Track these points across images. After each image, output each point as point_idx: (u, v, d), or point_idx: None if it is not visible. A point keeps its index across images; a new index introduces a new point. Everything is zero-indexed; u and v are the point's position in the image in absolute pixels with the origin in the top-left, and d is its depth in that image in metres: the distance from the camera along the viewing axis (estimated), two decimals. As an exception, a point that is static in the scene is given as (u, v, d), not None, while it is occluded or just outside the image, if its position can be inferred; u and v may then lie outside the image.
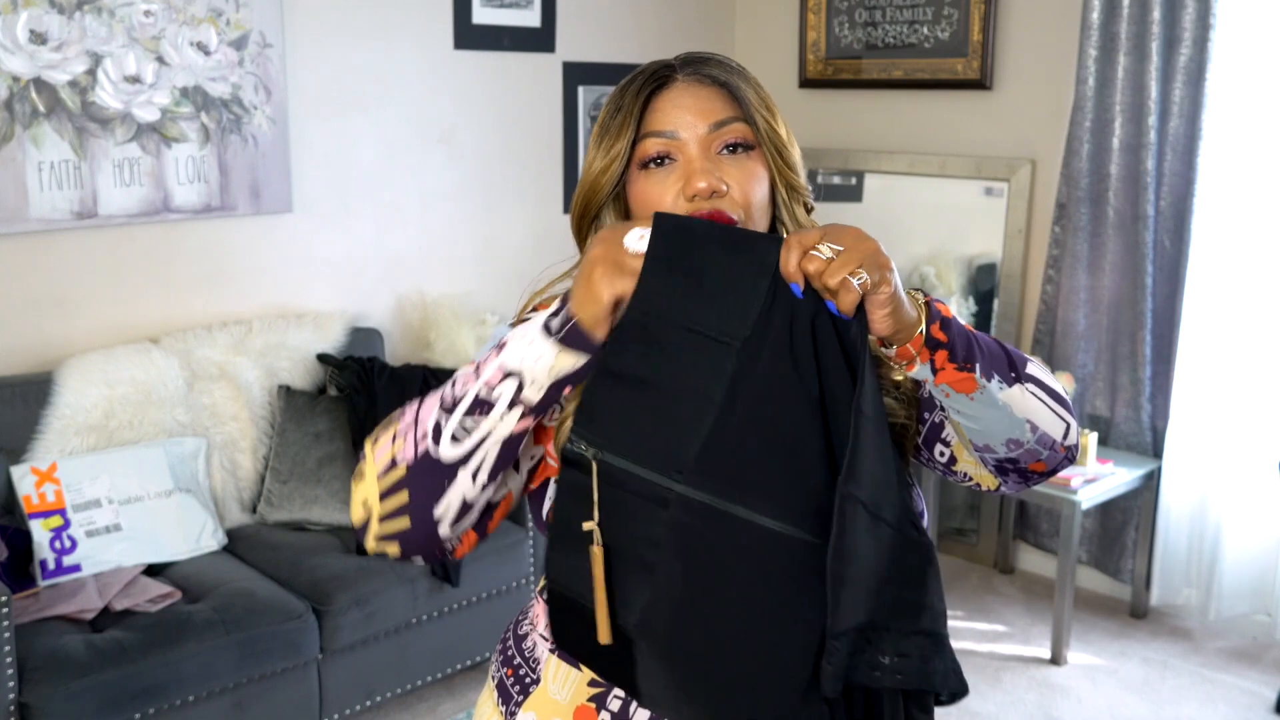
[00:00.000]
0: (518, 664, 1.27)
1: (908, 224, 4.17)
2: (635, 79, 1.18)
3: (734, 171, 1.14)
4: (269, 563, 2.96)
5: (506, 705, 1.26)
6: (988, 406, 1.10)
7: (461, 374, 1.09)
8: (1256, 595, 3.48)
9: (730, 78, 1.17)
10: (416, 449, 1.06)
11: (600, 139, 1.18)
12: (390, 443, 1.08)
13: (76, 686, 2.44)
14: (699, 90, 1.16)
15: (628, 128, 1.15)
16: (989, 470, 1.20)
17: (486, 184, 3.98)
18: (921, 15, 4.06)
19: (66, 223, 3.05)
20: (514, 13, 3.92)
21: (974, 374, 1.08)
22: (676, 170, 1.15)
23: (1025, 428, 1.13)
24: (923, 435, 1.22)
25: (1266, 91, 3.31)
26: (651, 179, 1.16)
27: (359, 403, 3.21)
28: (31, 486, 2.80)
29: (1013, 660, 3.42)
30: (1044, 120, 3.83)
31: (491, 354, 1.07)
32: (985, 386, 1.09)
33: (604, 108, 1.19)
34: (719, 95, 1.16)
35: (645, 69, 1.19)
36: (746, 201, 1.15)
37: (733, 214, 1.14)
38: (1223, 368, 3.45)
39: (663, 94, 1.17)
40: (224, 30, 3.25)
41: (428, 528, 1.09)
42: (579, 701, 1.20)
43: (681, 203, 1.14)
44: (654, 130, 1.15)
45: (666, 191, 1.15)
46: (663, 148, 1.15)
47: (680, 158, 1.15)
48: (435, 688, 3.17)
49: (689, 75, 1.17)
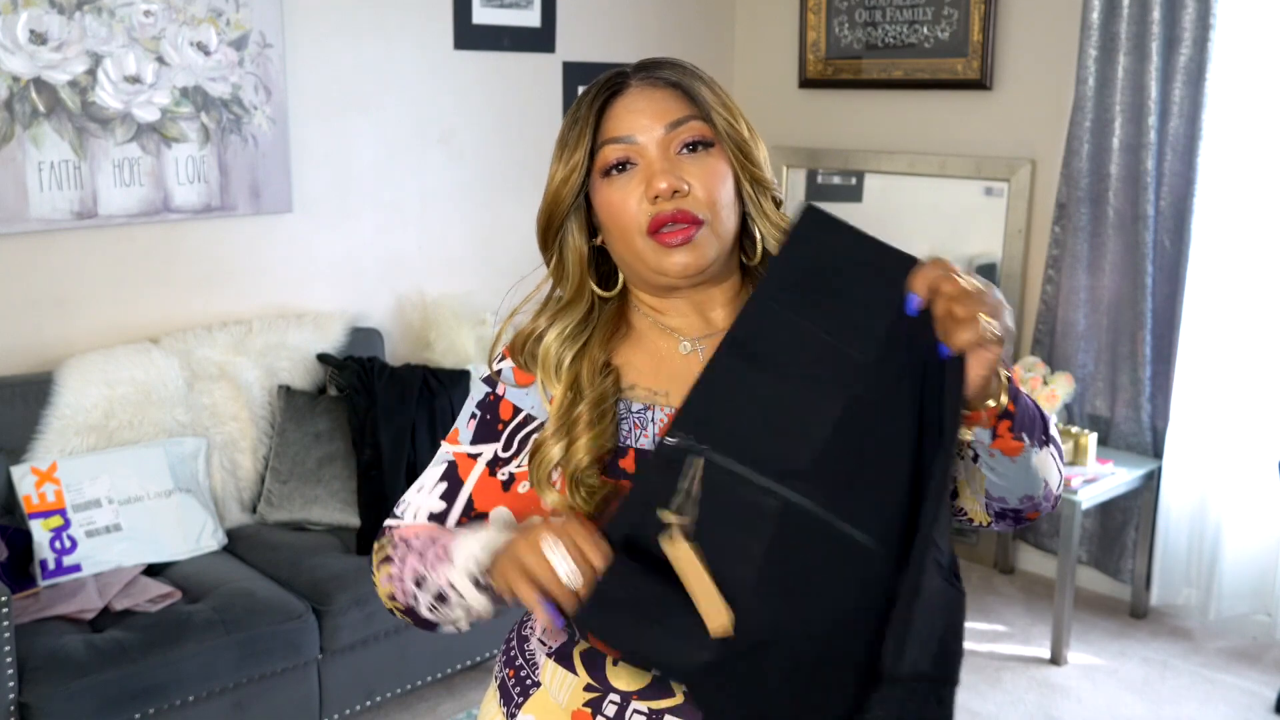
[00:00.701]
0: (519, 665, 1.27)
1: (908, 224, 4.17)
2: (590, 89, 1.18)
3: (695, 170, 1.14)
4: (269, 563, 2.96)
5: (507, 706, 1.27)
6: (1022, 468, 1.13)
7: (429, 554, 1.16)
8: (1256, 595, 3.48)
9: (684, 78, 1.17)
10: (406, 601, 1.19)
11: (560, 151, 1.18)
12: (388, 580, 1.20)
13: (76, 686, 2.44)
14: (653, 93, 1.16)
15: (585, 136, 1.16)
16: (988, 512, 1.21)
17: (486, 184, 3.98)
18: (921, 15, 4.06)
19: (66, 223, 3.05)
20: (514, 13, 3.92)
21: (1024, 443, 1.10)
22: (637, 174, 1.15)
23: (1041, 485, 1.16)
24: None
25: (1266, 91, 3.31)
26: (614, 185, 1.16)
27: (359, 403, 3.21)
28: (31, 486, 2.80)
29: (1013, 660, 3.42)
30: (1044, 120, 3.83)
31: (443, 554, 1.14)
32: (1026, 450, 1.11)
33: (564, 120, 1.19)
34: (673, 96, 1.16)
35: (600, 78, 1.19)
36: (711, 200, 1.14)
37: (698, 213, 1.13)
38: (1223, 368, 3.44)
39: (617, 100, 1.17)
40: (224, 30, 3.25)
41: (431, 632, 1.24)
42: (575, 706, 1.20)
43: (645, 205, 1.13)
44: (611, 137, 1.15)
45: (630, 196, 1.14)
46: (622, 154, 1.15)
47: (640, 161, 1.15)
48: (435, 688, 3.17)
49: (642, 79, 1.17)
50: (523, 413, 1.23)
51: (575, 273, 1.21)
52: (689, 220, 1.13)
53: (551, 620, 1.02)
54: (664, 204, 1.13)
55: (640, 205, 1.14)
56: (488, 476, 1.23)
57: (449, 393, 3.29)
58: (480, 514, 1.23)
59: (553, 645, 1.23)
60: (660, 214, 1.13)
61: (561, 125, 1.19)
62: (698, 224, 1.13)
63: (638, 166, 1.15)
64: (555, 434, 1.16)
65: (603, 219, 1.18)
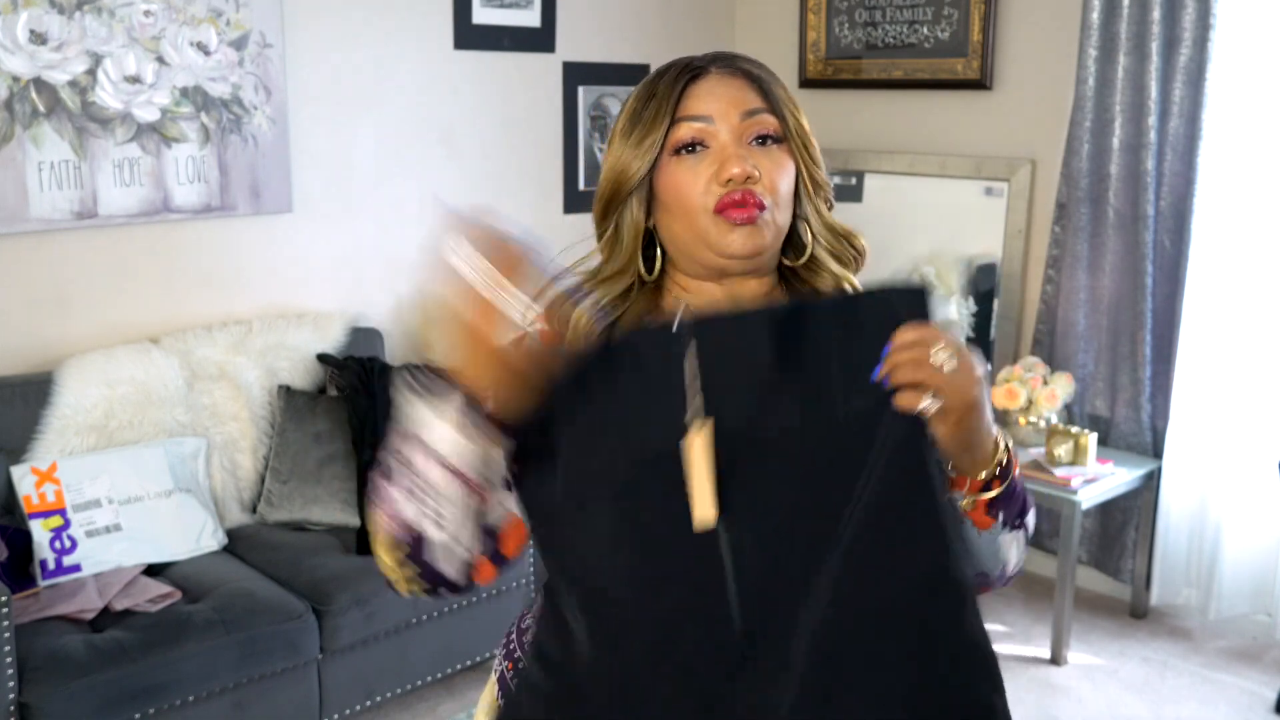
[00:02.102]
0: (518, 658, 1.28)
1: (908, 224, 4.17)
2: (668, 70, 1.20)
3: (764, 161, 1.16)
4: (269, 563, 2.96)
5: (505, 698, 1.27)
6: (986, 543, 1.14)
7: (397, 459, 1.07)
8: (1256, 595, 3.48)
9: (761, 72, 1.20)
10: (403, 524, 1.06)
11: (631, 128, 1.18)
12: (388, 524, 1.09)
13: (76, 686, 2.44)
14: (732, 81, 1.18)
15: (664, 113, 1.17)
16: None
17: (487, 184, 3.98)
18: (921, 15, 4.06)
19: (66, 223, 3.05)
20: (514, 13, 3.92)
21: (996, 519, 1.12)
22: (709, 157, 1.16)
23: (999, 566, 1.17)
24: None
25: (1266, 91, 3.31)
26: (683, 165, 1.17)
27: (359, 403, 3.21)
28: (31, 486, 2.80)
29: (1013, 660, 3.42)
30: (1044, 120, 3.83)
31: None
32: (994, 526, 1.13)
33: (631, 99, 1.20)
34: (749, 87, 1.19)
35: (676, 62, 1.21)
36: (775, 190, 1.17)
37: (764, 198, 1.15)
38: (1223, 368, 3.44)
39: (697, 83, 1.18)
40: (224, 30, 3.25)
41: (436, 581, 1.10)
42: None
43: (714, 187, 1.15)
44: (689, 115, 1.17)
45: (699, 178, 1.16)
46: (697, 133, 1.16)
47: (713, 145, 1.16)
48: (435, 688, 3.17)
49: (722, 67, 1.19)
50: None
51: (629, 247, 1.21)
52: (756, 203, 1.15)
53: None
54: (735, 187, 1.14)
55: (709, 186, 1.15)
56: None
57: (449, 393, 3.29)
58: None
59: None
60: (729, 195, 1.15)
61: (629, 103, 1.20)
62: (762, 208, 1.15)
63: (709, 150, 1.16)
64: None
65: (666, 197, 1.18)
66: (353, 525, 3.14)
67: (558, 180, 4.17)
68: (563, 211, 4.17)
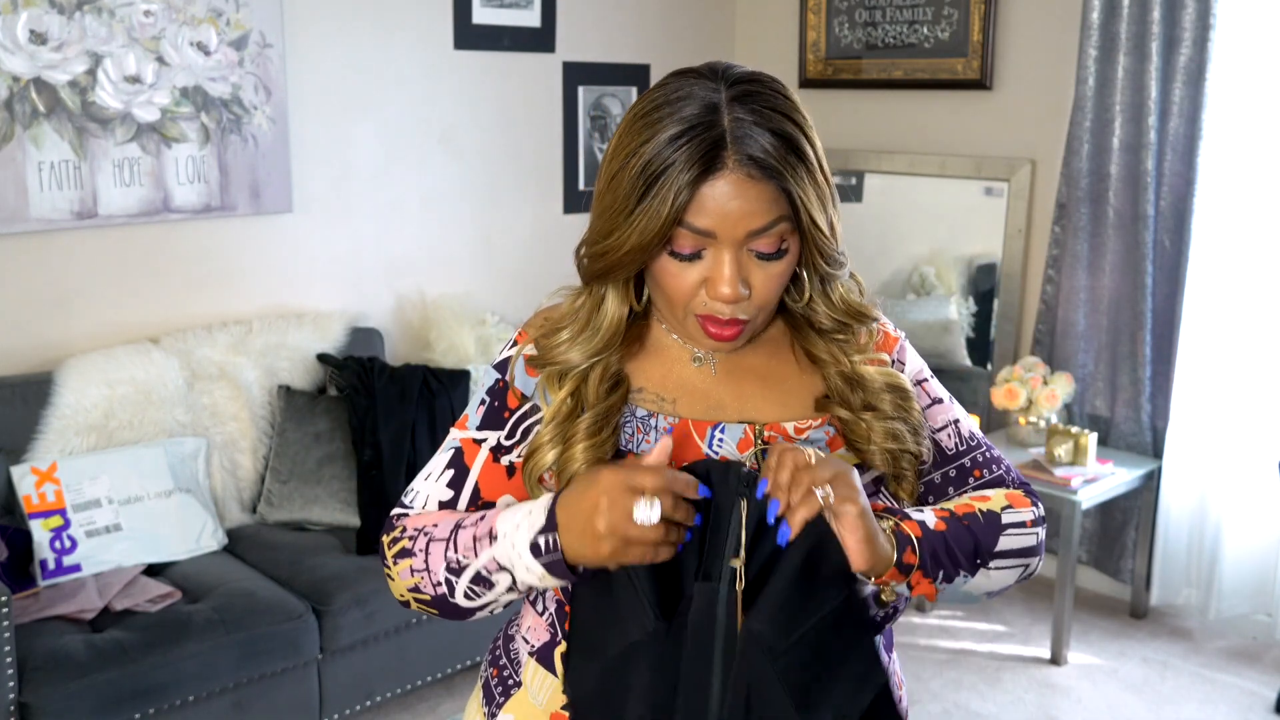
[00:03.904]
0: (503, 665, 1.28)
1: (908, 224, 4.17)
2: (682, 144, 1.05)
3: (759, 274, 1.11)
4: (269, 563, 2.96)
5: (489, 706, 1.27)
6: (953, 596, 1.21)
7: (462, 538, 1.15)
8: (1256, 595, 3.48)
9: (784, 163, 1.06)
10: (434, 591, 1.17)
11: (635, 201, 1.07)
12: (410, 574, 1.18)
13: (76, 686, 2.44)
14: (748, 188, 1.06)
15: (667, 211, 1.06)
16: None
17: (486, 184, 3.98)
18: (921, 15, 4.06)
19: (66, 223, 3.05)
20: (514, 13, 3.92)
21: (937, 581, 1.15)
22: (703, 264, 1.10)
23: (982, 597, 1.24)
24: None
25: (1266, 91, 3.31)
26: (677, 265, 1.11)
27: (359, 403, 3.21)
28: (31, 486, 2.80)
29: (1013, 660, 3.42)
30: (1044, 120, 3.83)
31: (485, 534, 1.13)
32: (949, 588, 1.18)
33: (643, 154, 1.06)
34: (768, 193, 1.06)
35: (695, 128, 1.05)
36: (764, 303, 1.13)
37: (746, 315, 1.12)
38: (1223, 368, 3.44)
39: (710, 183, 1.05)
40: (224, 30, 3.25)
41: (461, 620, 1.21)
42: (553, 708, 1.20)
43: (703, 296, 1.11)
44: (693, 225, 1.07)
45: (688, 280, 1.11)
46: (698, 245, 1.09)
47: (709, 252, 1.09)
48: (435, 688, 3.17)
49: (741, 166, 1.05)
50: (530, 402, 1.22)
51: (608, 329, 1.18)
52: (738, 324, 1.13)
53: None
54: (720, 306, 1.11)
55: (698, 293, 1.12)
56: (491, 463, 1.22)
57: (449, 393, 3.29)
58: (487, 503, 1.22)
59: (535, 644, 1.24)
60: (716, 314, 1.12)
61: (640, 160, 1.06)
62: (744, 324, 1.14)
63: (706, 258, 1.10)
64: (551, 440, 1.16)
65: (656, 277, 1.14)
66: (353, 525, 3.14)
67: (558, 180, 4.17)
68: (563, 211, 4.17)
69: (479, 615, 1.18)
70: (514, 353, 1.23)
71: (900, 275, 4.17)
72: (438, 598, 1.17)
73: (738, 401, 1.19)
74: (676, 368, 1.21)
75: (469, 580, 1.14)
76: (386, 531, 1.23)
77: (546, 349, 1.20)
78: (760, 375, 1.21)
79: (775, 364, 1.22)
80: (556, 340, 1.19)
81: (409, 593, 1.19)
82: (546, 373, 1.19)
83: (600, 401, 1.16)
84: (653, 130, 1.07)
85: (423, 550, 1.17)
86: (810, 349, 1.22)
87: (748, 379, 1.21)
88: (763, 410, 1.19)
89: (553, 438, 1.16)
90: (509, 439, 1.22)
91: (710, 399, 1.19)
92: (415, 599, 1.19)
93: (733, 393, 1.20)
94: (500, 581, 1.12)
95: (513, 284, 4.01)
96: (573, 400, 1.17)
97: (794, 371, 1.22)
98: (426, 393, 3.26)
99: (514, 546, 1.10)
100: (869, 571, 1.08)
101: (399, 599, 1.22)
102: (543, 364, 1.20)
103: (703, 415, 1.18)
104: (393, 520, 1.24)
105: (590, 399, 1.16)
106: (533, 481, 1.18)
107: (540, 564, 1.09)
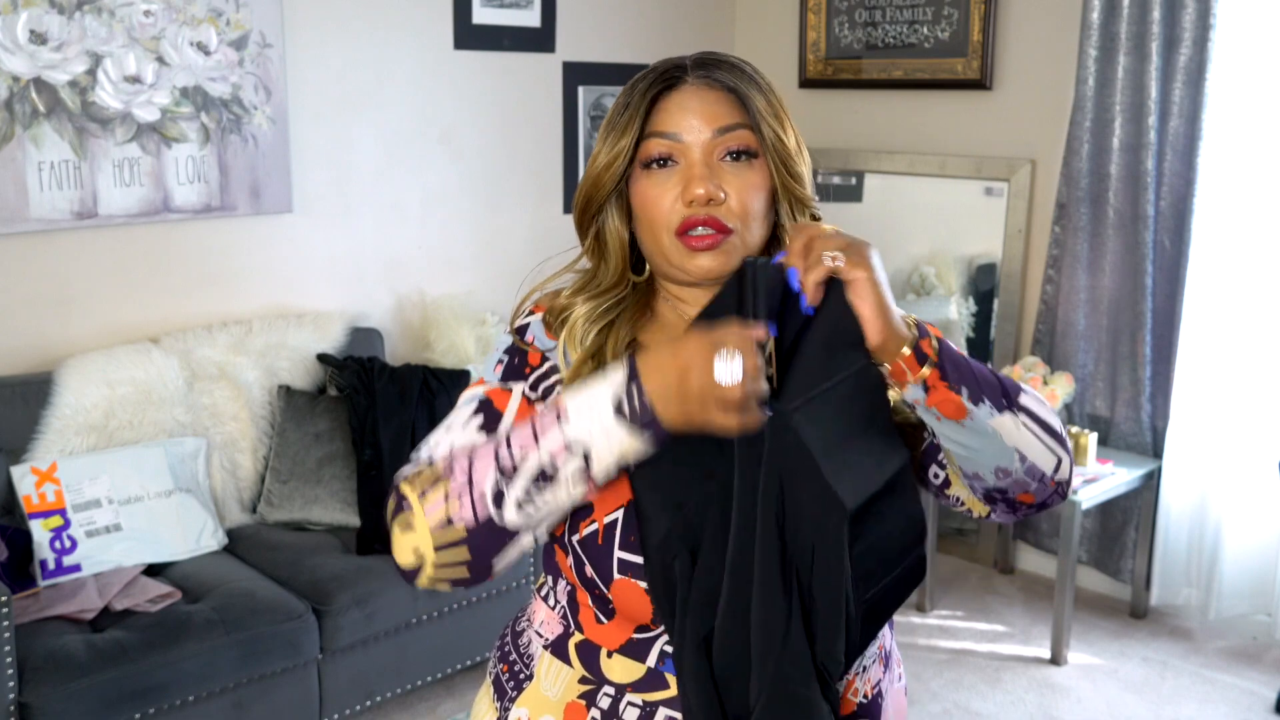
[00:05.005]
0: (513, 660, 1.28)
1: (908, 224, 4.17)
2: (646, 76, 1.18)
3: (733, 179, 1.15)
4: (269, 563, 2.96)
5: (501, 701, 1.28)
6: (977, 433, 1.10)
7: (517, 435, 1.06)
8: (1256, 595, 3.48)
9: (740, 83, 1.16)
10: (476, 511, 1.05)
11: (606, 134, 1.17)
12: (443, 500, 1.06)
13: (76, 686, 2.44)
14: (706, 94, 1.15)
15: (633, 125, 1.15)
16: (979, 497, 1.19)
17: (487, 184, 3.98)
18: (921, 15, 4.06)
19: (66, 223, 3.05)
20: (514, 13, 3.92)
21: (961, 397, 1.08)
22: (677, 173, 1.15)
23: (1014, 456, 1.12)
24: (920, 456, 1.23)
25: (1266, 91, 3.31)
26: (652, 179, 1.16)
27: (359, 403, 3.21)
28: (31, 486, 2.80)
29: (1013, 660, 3.42)
30: (1044, 120, 3.83)
31: (550, 419, 1.05)
32: (973, 411, 1.09)
33: (615, 102, 1.19)
34: (726, 100, 1.15)
35: (657, 66, 1.18)
36: (744, 211, 1.15)
37: (729, 222, 1.14)
38: (1223, 368, 3.44)
39: (671, 95, 1.16)
40: (224, 30, 3.25)
41: (484, 573, 1.10)
42: (569, 699, 1.21)
43: (679, 207, 1.14)
44: (658, 130, 1.15)
45: (666, 194, 1.15)
46: (665, 149, 1.15)
47: (682, 161, 1.15)
48: (435, 688, 3.17)
49: (699, 78, 1.16)
50: (550, 362, 1.20)
51: (617, 259, 1.21)
52: (718, 227, 1.14)
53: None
54: (697, 209, 1.14)
55: (674, 205, 1.15)
56: (526, 405, 1.18)
57: (449, 393, 3.29)
58: None
59: (550, 637, 1.24)
60: (692, 217, 1.14)
61: (611, 107, 1.18)
62: (726, 232, 1.14)
63: (678, 165, 1.15)
64: None
65: (636, 209, 1.19)
66: (353, 525, 3.14)
67: (558, 180, 4.17)
68: (563, 211, 4.18)
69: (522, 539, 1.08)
70: (532, 319, 1.23)
71: (900, 275, 4.17)
72: (480, 525, 1.05)
73: None
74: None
75: (528, 479, 1.04)
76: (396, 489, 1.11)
77: (557, 308, 1.21)
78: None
79: None
80: (564, 296, 1.21)
81: (435, 526, 1.06)
82: (566, 333, 1.19)
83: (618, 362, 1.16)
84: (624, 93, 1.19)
85: (464, 471, 1.07)
86: None
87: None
88: None
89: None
90: (532, 391, 1.20)
91: None
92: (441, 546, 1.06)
93: None
94: (566, 469, 1.04)
95: (513, 284, 3.97)
96: (593, 363, 1.17)
97: None
98: (426, 393, 3.26)
99: (592, 409, 1.03)
100: (883, 346, 1.05)
101: (406, 565, 1.09)
102: (558, 319, 1.20)
103: None
104: (404, 473, 1.13)
105: (609, 359, 1.17)
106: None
107: (624, 427, 1.02)
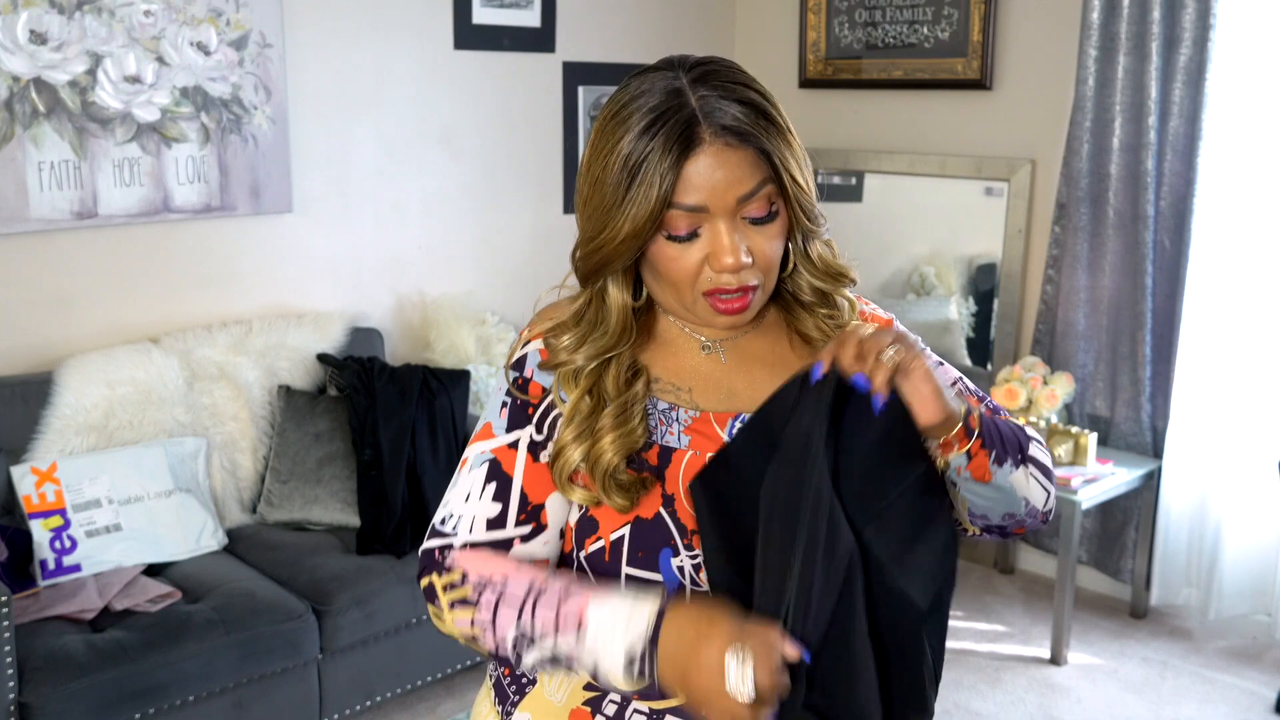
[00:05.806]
0: None
1: (908, 224, 4.17)
2: (657, 130, 1.09)
3: (758, 239, 1.13)
4: (269, 563, 2.96)
5: (503, 705, 1.27)
6: (994, 488, 1.15)
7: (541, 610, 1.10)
8: (1256, 595, 3.48)
9: (757, 127, 1.10)
10: (497, 648, 1.13)
11: (622, 193, 1.10)
12: (469, 625, 1.14)
13: (76, 686, 2.44)
14: (728, 156, 1.09)
15: (656, 195, 1.09)
16: (973, 524, 1.23)
17: (486, 184, 3.98)
18: (921, 15, 4.06)
19: (66, 223, 3.05)
20: (514, 13, 3.92)
21: (990, 460, 1.13)
22: (702, 241, 1.12)
23: (1021, 504, 1.18)
24: None
25: (1266, 91, 3.31)
26: (675, 248, 1.13)
27: (359, 403, 3.21)
28: (31, 486, 2.80)
29: (1013, 660, 3.42)
30: (1044, 120, 3.83)
31: (573, 617, 1.08)
32: (996, 471, 1.13)
33: (620, 150, 1.10)
34: (749, 158, 1.10)
35: (665, 114, 1.09)
36: (767, 266, 1.16)
37: (754, 280, 1.14)
38: (1223, 368, 3.44)
39: (693, 161, 1.09)
40: (224, 30, 3.25)
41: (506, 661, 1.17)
42: (574, 704, 1.20)
43: (708, 272, 1.13)
44: (684, 204, 1.10)
45: (692, 259, 1.13)
46: (693, 224, 1.11)
47: (706, 228, 1.12)
48: (435, 688, 3.17)
49: (718, 137, 1.09)
50: (550, 396, 1.20)
51: (617, 323, 1.18)
52: (748, 290, 1.15)
53: None
54: (728, 276, 1.13)
55: (699, 268, 1.13)
56: (532, 463, 1.19)
57: (449, 393, 3.29)
58: (537, 506, 1.19)
59: None
60: (723, 286, 1.13)
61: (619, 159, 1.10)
62: (754, 290, 1.15)
63: (703, 235, 1.12)
64: (576, 438, 1.15)
65: (655, 266, 1.15)
66: (353, 525, 3.14)
67: (558, 180, 4.17)
68: (563, 211, 4.17)
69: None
70: (529, 350, 1.22)
71: (900, 275, 4.17)
72: (500, 657, 1.14)
73: (750, 389, 1.21)
74: (687, 358, 1.22)
75: (545, 654, 1.10)
76: (434, 569, 1.17)
77: (555, 350, 1.20)
78: (767, 362, 1.23)
79: (778, 349, 1.24)
80: (562, 342, 1.19)
81: (461, 635, 1.16)
82: (560, 373, 1.19)
83: (621, 393, 1.17)
84: (624, 127, 1.11)
85: (489, 608, 1.12)
86: (801, 329, 1.24)
87: (755, 366, 1.23)
88: None
89: (577, 435, 1.15)
90: (539, 434, 1.20)
91: (723, 387, 1.21)
92: (466, 640, 1.16)
93: (744, 380, 1.22)
94: (578, 668, 1.09)
95: (513, 284, 4.01)
96: (591, 398, 1.17)
97: (794, 355, 1.24)
98: (426, 393, 3.26)
99: (608, 645, 1.06)
100: (942, 426, 1.07)
101: (439, 627, 1.19)
102: (553, 366, 1.20)
103: (720, 406, 1.20)
104: (437, 555, 1.18)
105: (610, 392, 1.17)
106: (563, 480, 1.16)
107: (629, 681, 1.06)
